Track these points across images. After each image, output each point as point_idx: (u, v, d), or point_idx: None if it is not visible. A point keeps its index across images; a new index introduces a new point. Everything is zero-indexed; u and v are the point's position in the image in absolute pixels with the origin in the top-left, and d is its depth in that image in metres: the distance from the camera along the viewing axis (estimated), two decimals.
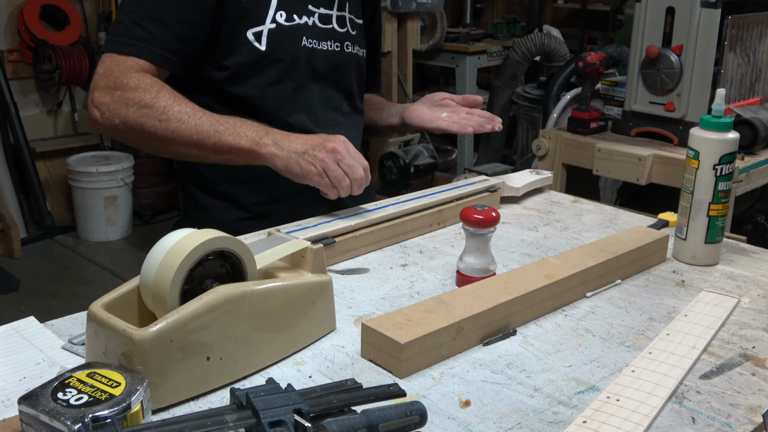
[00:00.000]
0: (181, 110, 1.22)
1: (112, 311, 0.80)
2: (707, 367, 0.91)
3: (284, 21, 1.37)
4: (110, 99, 1.23)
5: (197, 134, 1.21)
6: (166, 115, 1.21)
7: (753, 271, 1.21)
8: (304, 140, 1.21)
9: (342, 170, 1.18)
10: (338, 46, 1.46)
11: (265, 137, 1.21)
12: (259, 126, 1.24)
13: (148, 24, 1.26)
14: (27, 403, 0.70)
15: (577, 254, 1.12)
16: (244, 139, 1.21)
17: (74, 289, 3.61)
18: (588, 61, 2.28)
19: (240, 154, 1.22)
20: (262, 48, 1.35)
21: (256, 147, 1.21)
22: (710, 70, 2.04)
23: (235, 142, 1.21)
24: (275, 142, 1.21)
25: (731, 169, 1.17)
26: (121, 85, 1.23)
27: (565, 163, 2.34)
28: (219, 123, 1.22)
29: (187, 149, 1.23)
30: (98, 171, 4.06)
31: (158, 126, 1.21)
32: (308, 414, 0.69)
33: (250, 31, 1.34)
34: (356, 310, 1.04)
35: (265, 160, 1.21)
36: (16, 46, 4.19)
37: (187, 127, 1.21)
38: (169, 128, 1.21)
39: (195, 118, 1.22)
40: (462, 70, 4.52)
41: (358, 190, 1.21)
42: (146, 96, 1.22)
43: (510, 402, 0.83)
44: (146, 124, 1.22)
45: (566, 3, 5.28)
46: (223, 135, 1.21)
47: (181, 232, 0.85)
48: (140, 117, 1.22)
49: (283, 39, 1.37)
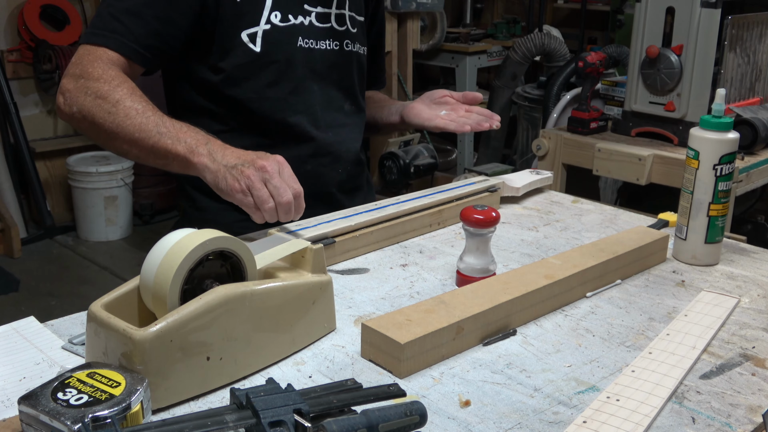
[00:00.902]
0: (132, 106, 1.19)
1: (112, 311, 0.80)
2: (707, 367, 0.91)
3: (279, 21, 1.36)
4: (74, 86, 1.23)
5: (139, 132, 1.17)
6: (116, 108, 1.18)
7: (753, 271, 1.21)
8: (238, 155, 1.12)
9: (268, 191, 1.07)
10: (337, 45, 1.45)
11: (201, 146, 1.14)
12: (202, 135, 1.16)
13: (124, 18, 1.26)
14: (27, 403, 0.70)
15: (577, 254, 1.12)
16: (181, 146, 1.14)
17: (74, 289, 3.61)
18: (588, 61, 2.28)
19: (175, 160, 1.15)
20: (257, 49, 1.34)
21: (189, 155, 1.13)
22: (710, 70, 2.04)
23: (172, 146, 1.15)
24: (210, 153, 1.13)
25: (731, 169, 1.17)
26: (85, 74, 1.23)
27: (565, 163, 2.34)
28: (163, 125, 1.17)
29: (129, 146, 1.20)
30: (98, 171, 4.06)
31: (106, 118, 1.19)
32: (308, 414, 0.69)
33: (245, 32, 1.34)
34: (356, 310, 1.04)
35: (197, 171, 1.14)
36: (16, 46, 4.19)
37: (131, 123, 1.17)
38: (116, 122, 1.18)
39: (142, 116, 1.18)
40: (462, 70, 4.52)
41: (284, 216, 1.08)
42: (104, 87, 1.20)
43: (510, 402, 0.83)
44: (97, 115, 1.20)
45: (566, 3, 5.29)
46: (163, 137, 1.15)
47: (181, 232, 0.85)
48: (94, 107, 1.20)
49: (278, 40, 1.36)
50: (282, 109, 1.39)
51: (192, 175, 1.16)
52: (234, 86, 1.36)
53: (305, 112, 1.42)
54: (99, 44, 1.26)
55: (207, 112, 1.39)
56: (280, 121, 1.39)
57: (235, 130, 1.40)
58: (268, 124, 1.39)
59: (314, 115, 1.43)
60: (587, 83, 2.35)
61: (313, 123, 1.43)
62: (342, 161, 1.48)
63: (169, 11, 1.28)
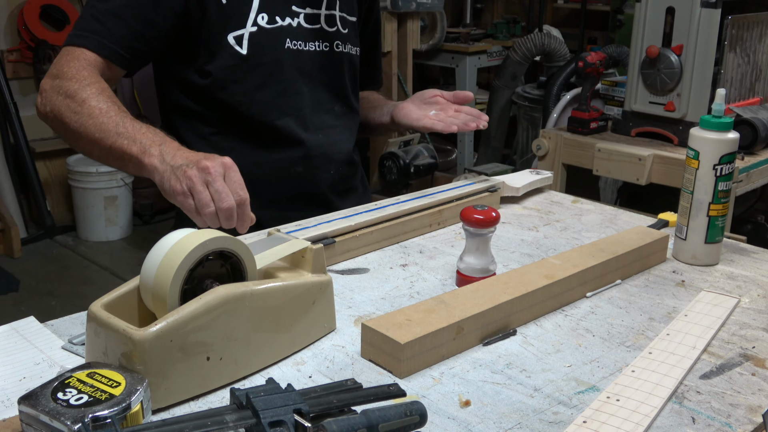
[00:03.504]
0: (96, 106, 1.18)
1: (112, 311, 0.80)
2: (707, 367, 0.91)
3: (266, 23, 1.36)
4: (49, 86, 1.24)
5: (99, 132, 1.16)
6: (81, 108, 1.18)
7: (753, 271, 1.21)
8: (187, 156, 1.08)
9: (209, 194, 1.02)
10: (327, 46, 1.45)
11: (155, 147, 1.11)
12: (159, 136, 1.14)
13: (105, 19, 1.26)
14: (27, 403, 0.70)
15: (577, 254, 1.12)
16: (135, 146, 1.12)
17: (74, 289, 3.61)
18: (588, 61, 2.28)
19: (130, 161, 1.14)
20: (243, 52, 1.34)
21: (142, 156, 1.11)
22: (710, 70, 2.04)
23: (128, 147, 1.13)
24: (161, 154, 1.10)
25: (731, 169, 1.17)
26: (60, 73, 1.23)
27: (565, 163, 2.34)
28: (123, 125, 1.15)
29: (90, 147, 1.19)
30: (98, 171, 4.06)
31: (72, 118, 1.19)
32: (308, 414, 0.69)
33: (231, 35, 1.33)
34: (356, 310, 1.04)
35: (147, 172, 1.12)
36: (16, 46, 4.18)
37: (93, 123, 1.17)
38: (80, 121, 1.18)
39: (104, 116, 1.16)
40: (462, 70, 4.52)
41: (226, 223, 1.02)
42: (74, 86, 1.20)
43: (510, 402, 0.83)
44: (65, 114, 1.20)
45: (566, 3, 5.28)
46: (120, 138, 1.14)
47: (181, 232, 0.85)
48: (63, 106, 1.21)
49: (265, 42, 1.36)
50: (270, 112, 1.39)
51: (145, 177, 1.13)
52: (221, 89, 1.36)
53: (294, 115, 1.41)
54: (79, 45, 1.26)
55: (196, 114, 1.39)
56: (268, 123, 1.38)
57: (224, 132, 1.39)
58: (257, 126, 1.39)
59: (303, 117, 1.42)
60: (587, 83, 2.35)
61: (302, 125, 1.42)
62: (333, 163, 1.47)
63: (151, 13, 1.28)
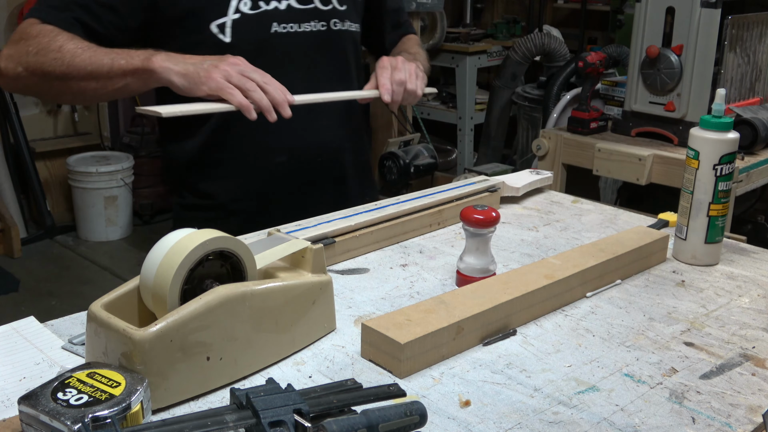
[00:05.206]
0: (76, 47, 1.23)
1: (112, 311, 0.80)
2: (707, 367, 0.91)
3: (249, 9, 1.35)
4: (14, 50, 1.27)
5: (91, 65, 1.22)
6: (61, 53, 1.23)
7: (753, 271, 1.21)
8: (200, 57, 1.21)
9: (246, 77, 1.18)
10: (324, 26, 1.43)
11: (157, 55, 1.21)
12: (152, 50, 1.23)
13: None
14: (27, 403, 0.70)
15: (577, 254, 1.12)
16: (136, 59, 1.21)
17: (74, 289, 3.61)
18: (588, 61, 2.28)
19: (134, 75, 1.21)
20: (226, 40, 1.33)
21: (147, 63, 1.19)
22: (710, 70, 2.04)
23: (128, 63, 1.21)
24: (169, 58, 1.20)
25: (731, 169, 1.17)
26: (24, 35, 1.27)
27: (565, 163, 2.34)
28: (113, 52, 1.23)
29: (86, 83, 1.24)
30: (98, 171, 4.06)
31: (54, 64, 1.23)
32: (308, 414, 0.69)
33: (214, 23, 1.33)
34: (356, 310, 1.04)
35: (159, 77, 1.20)
36: None
37: (81, 60, 1.22)
38: (65, 63, 1.22)
39: (89, 51, 1.23)
40: (462, 70, 4.53)
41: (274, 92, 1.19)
42: (44, 39, 1.24)
43: (510, 402, 0.83)
44: (44, 65, 1.23)
45: (566, 3, 5.28)
46: (115, 60, 1.21)
47: (181, 232, 0.85)
48: (39, 59, 1.24)
49: (249, 28, 1.35)
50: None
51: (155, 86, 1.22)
52: None
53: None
54: (38, 17, 1.28)
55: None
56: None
57: (219, 122, 1.38)
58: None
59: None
60: (587, 83, 2.35)
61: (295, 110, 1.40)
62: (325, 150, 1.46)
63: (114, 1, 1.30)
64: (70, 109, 4.41)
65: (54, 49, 1.23)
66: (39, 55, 1.24)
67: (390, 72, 1.39)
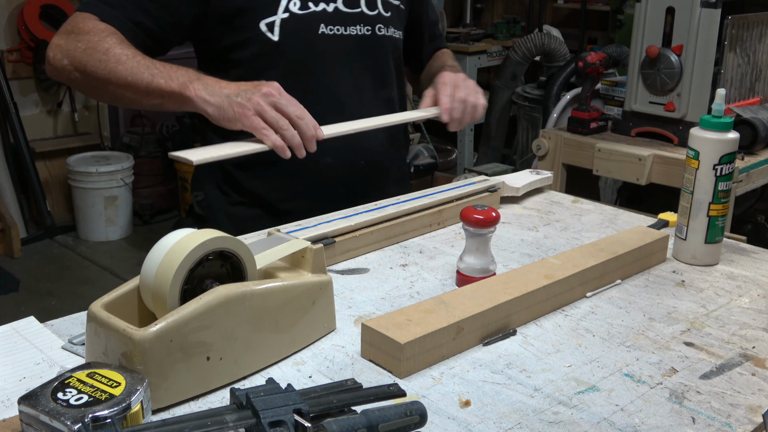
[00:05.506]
0: (122, 53, 1.24)
1: (112, 311, 0.80)
2: (707, 367, 0.91)
3: (298, 9, 1.36)
4: (64, 41, 1.28)
5: (131, 76, 1.23)
6: (107, 56, 1.24)
7: (753, 271, 1.21)
8: (237, 86, 1.20)
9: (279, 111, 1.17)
10: (369, 30, 1.44)
11: (195, 82, 1.20)
12: (192, 72, 1.23)
13: None
14: (27, 403, 0.70)
15: (577, 254, 1.12)
16: (174, 83, 1.21)
17: (74, 289, 3.61)
18: (588, 61, 2.28)
19: (170, 97, 1.22)
20: (275, 38, 1.34)
21: (184, 90, 1.20)
22: (710, 70, 2.04)
23: (166, 84, 1.21)
24: (205, 87, 1.20)
25: (731, 169, 1.17)
26: (76, 29, 1.28)
27: (565, 163, 2.34)
28: (154, 67, 1.23)
29: (122, 91, 1.25)
30: (98, 171, 4.06)
31: (98, 66, 1.24)
32: (308, 414, 0.69)
33: (263, 22, 1.34)
34: (356, 310, 1.04)
35: (194, 105, 1.20)
36: (16, 46, 4.19)
37: (123, 68, 1.23)
38: (107, 68, 1.23)
39: (133, 61, 1.23)
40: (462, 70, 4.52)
41: (306, 128, 1.18)
42: (94, 38, 1.25)
43: (510, 402, 0.83)
44: (88, 64, 1.25)
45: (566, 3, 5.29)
46: (155, 77, 1.22)
47: (181, 232, 0.85)
48: (84, 57, 1.25)
49: (297, 28, 1.36)
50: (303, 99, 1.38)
51: (189, 111, 1.22)
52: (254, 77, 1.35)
53: (329, 101, 1.40)
54: (92, 12, 1.29)
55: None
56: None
57: None
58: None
59: (340, 102, 1.41)
60: (587, 83, 2.35)
61: (337, 111, 1.40)
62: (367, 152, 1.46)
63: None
64: (70, 109, 4.42)
65: (101, 50, 1.24)
66: (86, 53, 1.25)
67: (451, 89, 1.42)
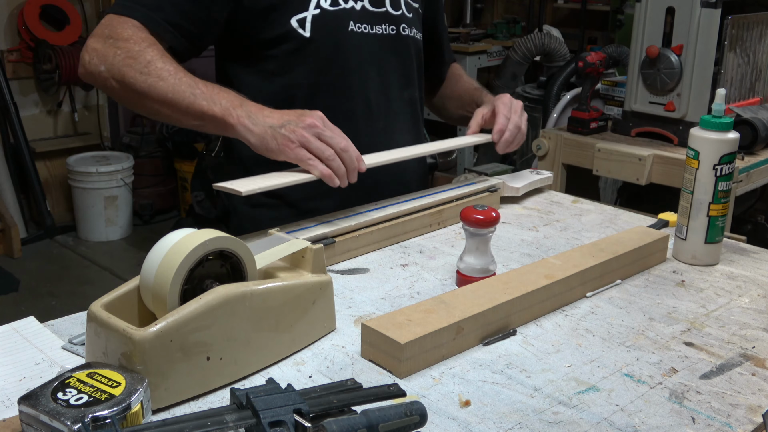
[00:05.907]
0: (164, 67, 1.21)
1: (112, 311, 0.80)
2: (707, 367, 0.91)
3: (329, 6, 1.36)
4: (101, 46, 1.24)
5: (173, 93, 1.19)
6: (148, 69, 1.20)
7: (753, 271, 1.21)
8: (280, 115, 1.17)
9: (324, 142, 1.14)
10: (394, 30, 1.44)
11: (238, 108, 1.18)
12: (235, 97, 1.20)
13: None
14: (27, 403, 0.70)
15: (577, 254, 1.12)
16: (217, 107, 1.18)
17: (74, 289, 3.61)
18: (588, 61, 2.28)
19: (211, 121, 1.19)
20: (306, 34, 1.34)
21: (227, 116, 1.17)
22: (710, 70, 2.04)
23: (208, 107, 1.18)
24: (249, 115, 1.17)
25: (731, 169, 1.17)
26: (114, 34, 1.24)
27: (565, 163, 2.34)
28: (197, 87, 1.20)
29: (160, 107, 1.22)
30: (98, 171, 4.06)
31: (138, 78, 1.20)
32: (308, 414, 0.69)
33: (294, 18, 1.34)
34: (356, 310, 1.04)
35: (236, 132, 1.18)
36: (16, 46, 4.19)
37: (165, 85, 1.19)
38: (147, 82, 1.20)
39: (175, 77, 1.20)
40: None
41: (350, 161, 1.16)
42: (135, 47, 1.21)
43: (510, 402, 0.83)
44: (127, 74, 1.21)
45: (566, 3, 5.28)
46: (197, 99, 1.18)
47: (181, 232, 0.85)
48: (123, 66, 1.21)
49: (328, 24, 1.36)
50: (334, 95, 1.38)
51: (230, 136, 1.20)
52: (286, 73, 1.36)
53: (359, 97, 1.40)
54: (126, 15, 1.26)
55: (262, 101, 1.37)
56: (334, 107, 1.35)
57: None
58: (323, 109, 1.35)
59: (368, 100, 1.41)
60: (587, 83, 2.35)
61: (366, 109, 1.41)
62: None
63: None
64: (70, 109, 4.42)
65: (142, 62, 1.20)
66: (125, 63, 1.21)
67: (509, 112, 1.42)
